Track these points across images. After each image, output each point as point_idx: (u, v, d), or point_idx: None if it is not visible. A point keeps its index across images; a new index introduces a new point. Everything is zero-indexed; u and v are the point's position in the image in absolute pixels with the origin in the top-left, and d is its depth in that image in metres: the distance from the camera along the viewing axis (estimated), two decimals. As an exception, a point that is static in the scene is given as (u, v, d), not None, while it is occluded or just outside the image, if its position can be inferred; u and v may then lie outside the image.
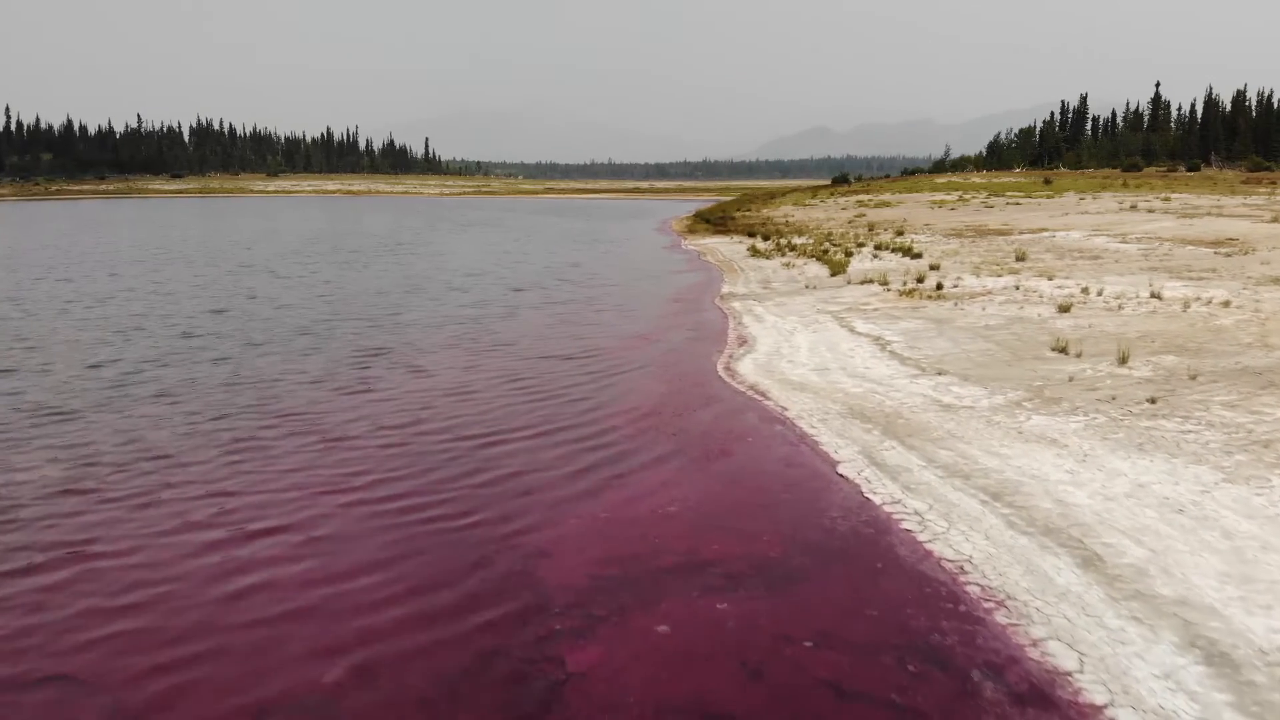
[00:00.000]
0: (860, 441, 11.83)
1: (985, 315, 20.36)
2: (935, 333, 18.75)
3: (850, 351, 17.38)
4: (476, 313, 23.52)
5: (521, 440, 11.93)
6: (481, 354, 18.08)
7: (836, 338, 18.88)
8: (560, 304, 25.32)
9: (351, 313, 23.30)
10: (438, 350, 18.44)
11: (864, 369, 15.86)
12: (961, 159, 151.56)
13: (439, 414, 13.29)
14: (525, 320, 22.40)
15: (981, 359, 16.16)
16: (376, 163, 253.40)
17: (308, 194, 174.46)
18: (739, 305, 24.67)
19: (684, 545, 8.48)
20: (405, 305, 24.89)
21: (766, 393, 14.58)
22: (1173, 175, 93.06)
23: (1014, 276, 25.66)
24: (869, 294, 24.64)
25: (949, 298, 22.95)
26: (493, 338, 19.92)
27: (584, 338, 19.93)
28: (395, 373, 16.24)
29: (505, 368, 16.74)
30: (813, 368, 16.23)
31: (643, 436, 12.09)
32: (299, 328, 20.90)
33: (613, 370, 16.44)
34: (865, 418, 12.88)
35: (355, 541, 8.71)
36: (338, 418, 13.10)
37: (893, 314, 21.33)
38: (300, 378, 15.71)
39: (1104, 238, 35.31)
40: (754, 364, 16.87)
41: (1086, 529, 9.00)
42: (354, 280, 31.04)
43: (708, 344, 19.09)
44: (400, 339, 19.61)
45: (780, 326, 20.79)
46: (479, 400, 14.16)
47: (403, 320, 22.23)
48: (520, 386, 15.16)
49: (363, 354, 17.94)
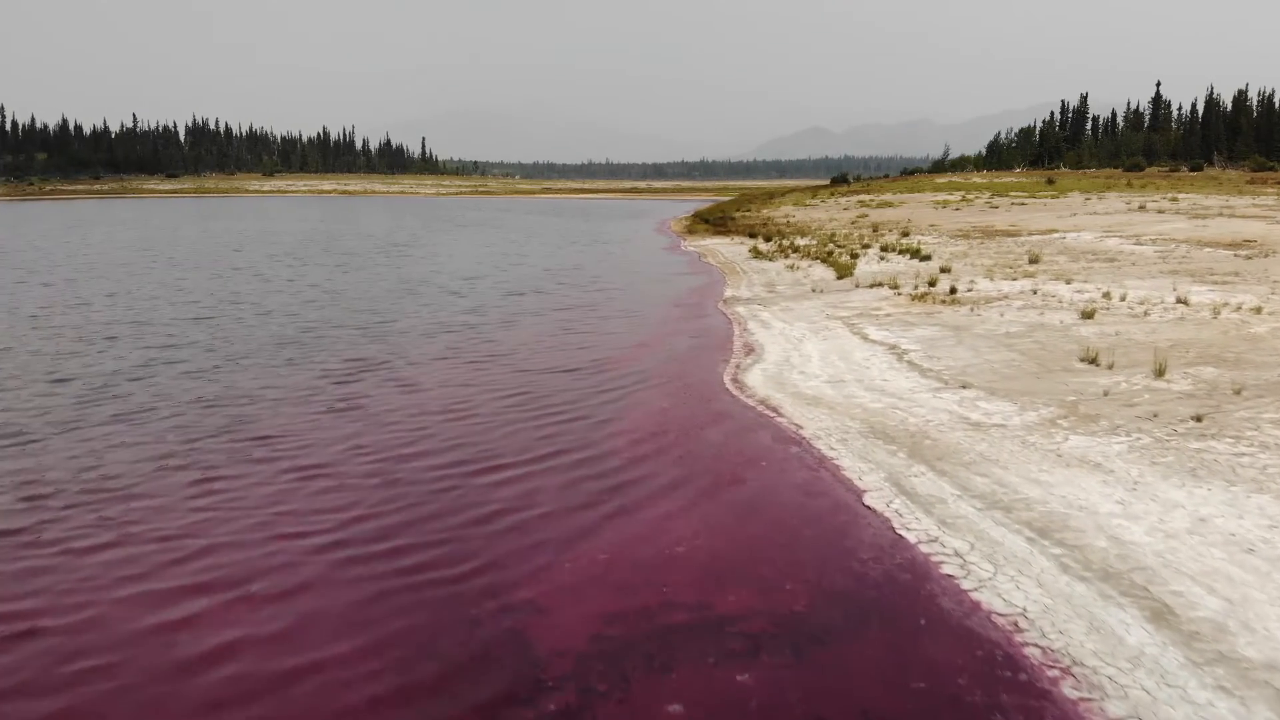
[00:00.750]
0: (886, 466, 10.77)
1: (1004, 322, 19.33)
2: (954, 341, 17.70)
3: (865, 361, 16.33)
4: (472, 320, 22.38)
5: (516, 468, 10.83)
6: (476, 367, 16.90)
7: (849, 346, 17.83)
8: (559, 310, 24.17)
9: (340, 320, 22.16)
10: (430, 363, 17.28)
11: (882, 381, 14.81)
12: (961, 159, 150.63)
13: (428, 438, 12.15)
14: (522, 328, 21.17)
15: (1007, 370, 15.11)
16: (373, 162, 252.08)
17: (303, 194, 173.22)
18: (743, 310, 23.62)
19: (696, 596, 7.42)
20: (398, 311, 23.74)
21: (779, 408, 13.52)
22: (1176, 175, 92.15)
23: (1030, 280, 24.63)
24: (879, 298, 23.59)
25: (964, 303, 21.91)
26: (488, 348, 18.75)
27: (584, 347, 18.82)
28: (383, 389, 15.06)
29: (500, 382, 15.59)
30: (826, 380, 15.17)
31: (647, 461, 11.02)
32: (283, 337, 19.76)
33: (614, 384, 15.34)
34: (889, 438, 11.82)
35: (326, 598, 7.60)
36: (317, 443, 11.94)
37: (906, 320, 20.28)
38: (279, 395, 14.53)
39: (1117, 239, 34.29)
40: (763, 375, 15.81)
41: (1150, 574, 7.95)
42: (345, 284, 29.92)
43: (713, 353, 18.03)
44: (391, 350, 18.43)
45: (788, 333, 19.74)
46: (471, 422, 13.00)
47: (394, 328, 21.06)
48: (516, 403, 14.02)
49: (349, 367, 16.76)
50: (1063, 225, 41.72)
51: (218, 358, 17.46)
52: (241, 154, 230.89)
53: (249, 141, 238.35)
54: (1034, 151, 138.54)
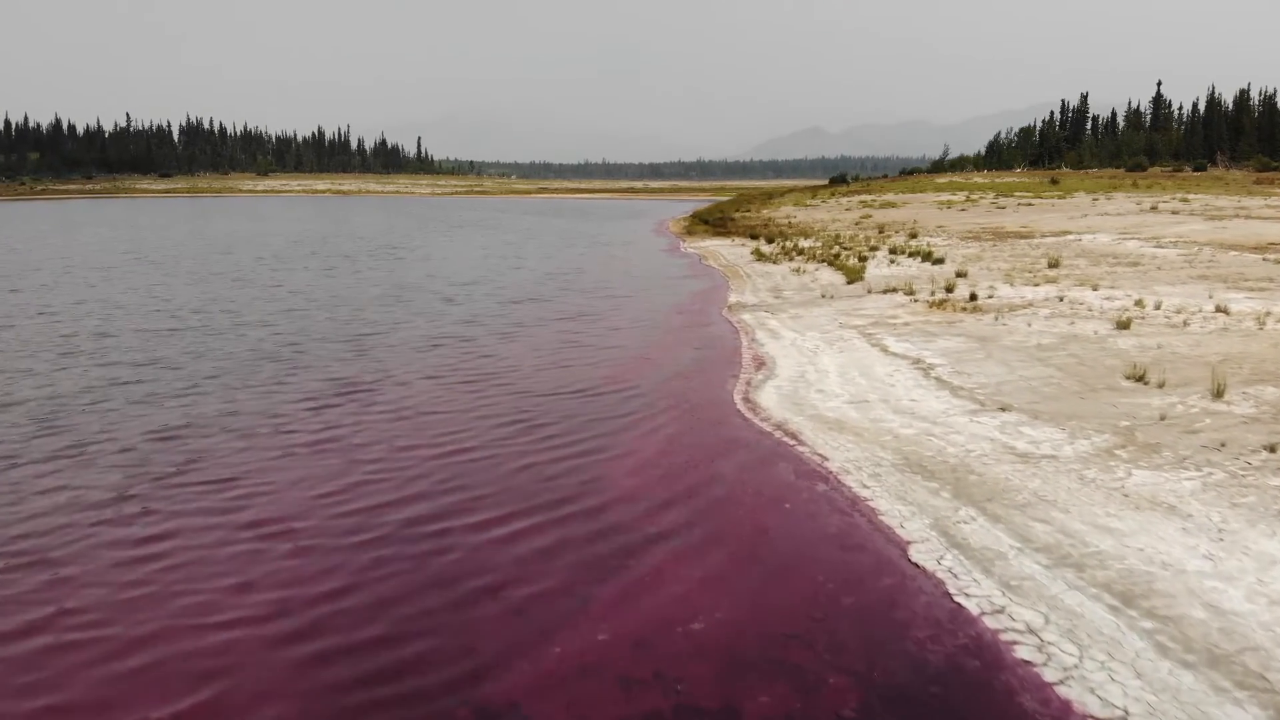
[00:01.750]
0: (929, 509, 9.35)
1: (1033, 332, 17.91)
2: (982, 354, 16.29)
3: (889, 378, 14.91)
4: (466, 331, 20.81)
5: (509, 522, 9.24)
6: (469, 388, 15.28)
7: (869, 359, 16.41)
8: (557, 319, 22.53)
9: (324, 332, 20.57)
10: (418, 383, 15.61)
11: (910, 402, 13.39)
12: (960, 159, 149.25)
13: (411, 481, 10.51)
14: (519, 341, 19.54)
15: (1047, 389, 13.69)
16: (368, 162, 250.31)
17: (297, 194, 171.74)
18: (750, 318, 22.19)
19: (717, 696, 5.98)
20: (387, 321, 22.16)
21: (798, 434, 12.09)
22: (1180, 175, 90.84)
23: (1052, 286, 23.22)
24: (894, 305, 22.17)
25: (986, 310, 20.50)
26: (483, 365, 17.15)
27: (584, 364, 17.21)
28: (365, 418, 13.36)
29: (495, 407, 13.97)
30: (849, 399, 13.74)
31: (655, 508, 9.52)
32: (259, 352, 18.16)
33: (616, 408, 13.79)
34: (927, 472, 10.40)
35: (272, 709, 6.11)
36: (284, 489, 10.31)
37: (927, 330, 18.87)
38: (247, 426, 12.82)
39: (1136, 242, 32.90)
40: (777, 394, 14.38)
41: (1267, 658, 6.54)
42: (332, 290, 28.35)
43: (720, 367, 16.60)
44: (376, 368, 16.77)
45: (801, 344, 18.32)
46: (461, 460, 11.32)
47: (382, 342, 19.44)
48: (510, 434, 12.39)
49: (328, 390, 15.14)
50: (1076, 227, 40.34)
51: (183, 378, 15.82)
52: (236, 153, 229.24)
53: (243, 141, 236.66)
54: (1034, 151, 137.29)
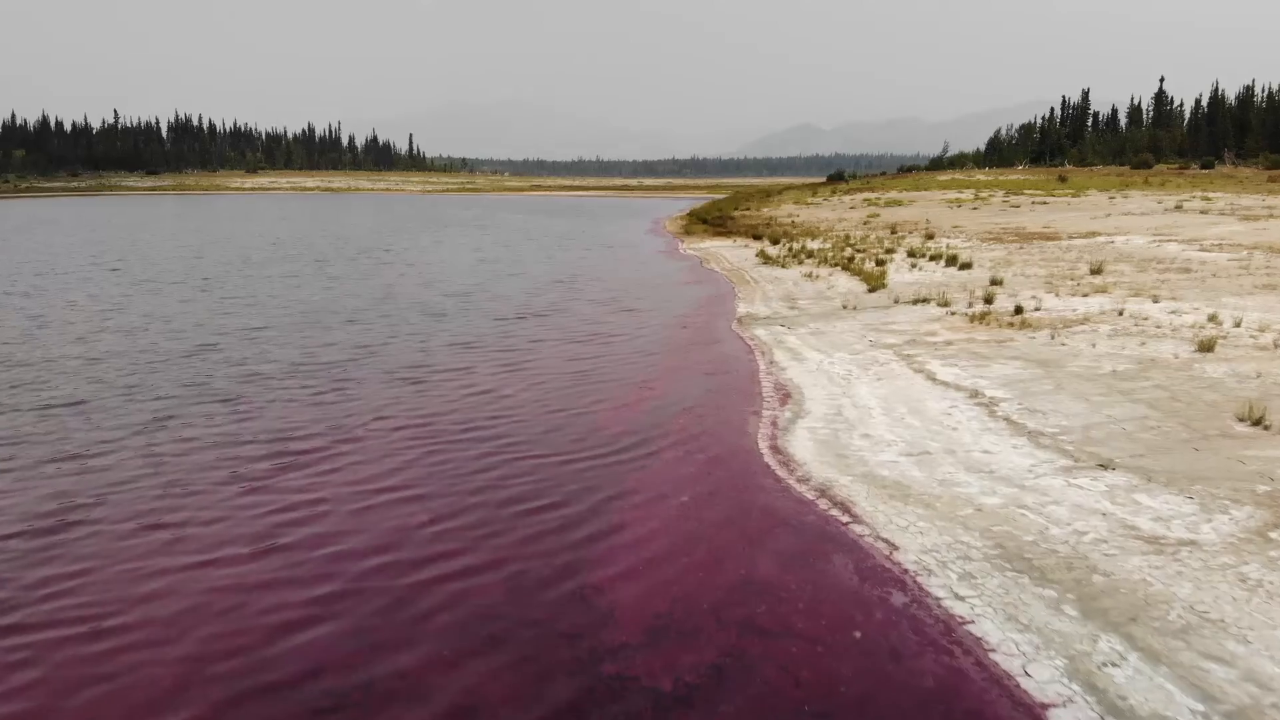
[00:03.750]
0: (1057, 640, 6.68)
1: (1102, 355, 15.28)
2: (1049, 384, 13.64)
3: (946, 417, 12.24)
4: (448, 359, 17.52)
5: (464, 671, 6.45)
6: (438, 443, 11.92)
7: (916, 390, 13.74)
8: (550, 342, 19.29)
9: (283, 361, 17.31)
10: (378, 440, 12.11)
11: (983, 454, 10.72)
12: (960, 155, 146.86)
13: (338, 603, 7.47)
14: (505, 379, 15.87)
15: (1147, 436, 11.04)
16: (359, 159, 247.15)
17: (286, 191, 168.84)
18: (765, 334, 19.50)
19: None
20: (363, 344, 19.08)
21: (850, 504, 9.41)
22: (1189, 173, 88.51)
23: (1104, 297, 20.59)
24: (929, 319, 19.51)
25: (1037, 326, 17.86)
26: (461, 406, 13.86)
27: (577, 402, 14.10)
28: (301, 502, 9.77)
29: (467, 484, 10.36)
30: (904, 449, 11.06)
31: (667, 643, 6.72)
32: (188, 385, 14.99)
33: (614, 466, 10.85)
34: (1035, 570, 7.73)
35: None
36: (168, 628, 7.14)
37: (975, 351, 16.22)
38: (126, 514, 9.41)
39: (1175, 244, 30.29)
40: (813, 440, 11.69)
41: None
42: (304, 304, 25.39)
43: (737, 400, 13.88)
44: (332, 416, 13.29)
45: (829, 369, 15.64)
46: (412, 572, 8.02)
47: (350, 375, 16.09)
48: (479, 520, 9.15)
49: (258, 452, 11.51)
50: (1102, 227, 37.73)
51: (71, 430, 12.43)
52: (225, 150, 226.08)
53: (232, 138, 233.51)
54: (1035, 148, 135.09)
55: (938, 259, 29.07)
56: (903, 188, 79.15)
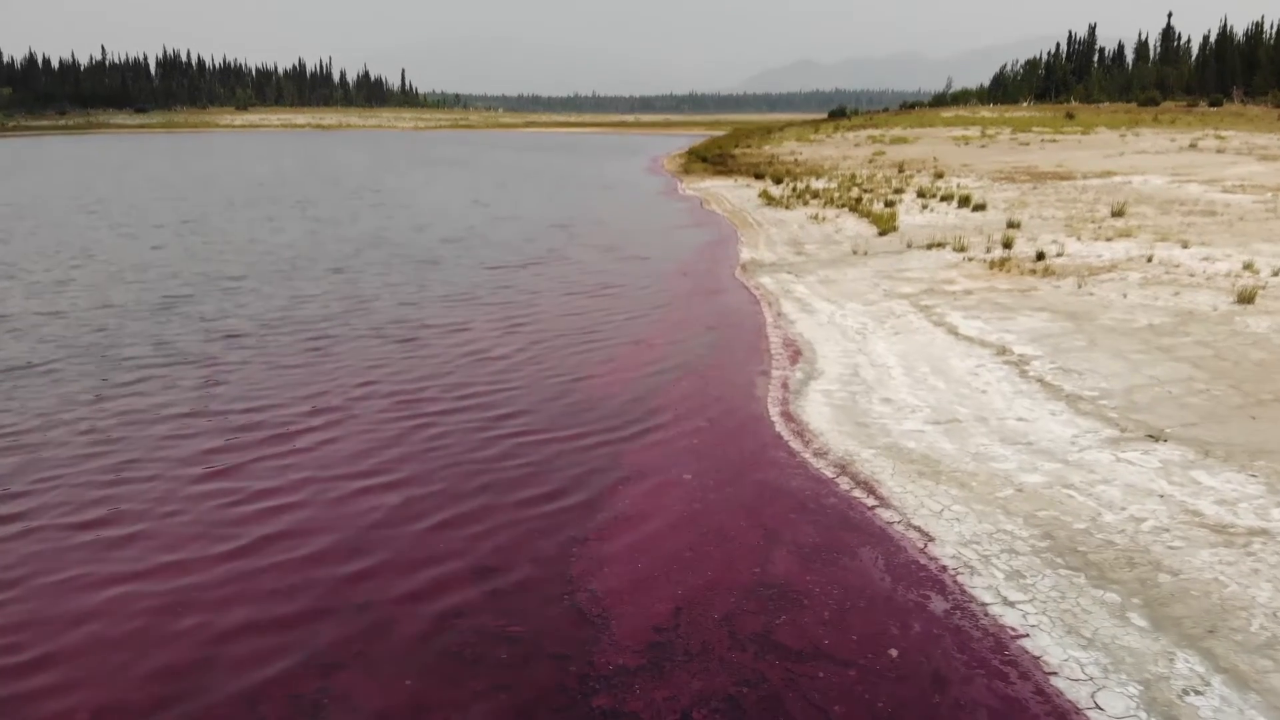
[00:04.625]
0: (1123, 655, 5.72)
1: (1134, 306, 14.23)
2: (1082, 339, 12.60)
3: (973, 378, 11.21)
4: (440, 316, 15.90)
5: (429, 710, 5.34)
6: (419, 430, 10.16)
7: (937, 346, 12.70)
8: (545, 294, 17.91)
9: (263, 313, 16.01)
10: (359, 414, 10.65)
11: (1019, 422, 9.70)
12: (963, 92, 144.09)
13: (297, 624, 6.30)
14: (498, 338, 14.31)
15: (1196, 400, 10.03)
16: (351, 95, 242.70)
17: (276, 128, 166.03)
18: (770, 282, 18.40)
19: None
20: (349, 295, 17.63)
21: (874, 484, 8.41)
22: (1198, 111, 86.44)
23: (1129, 241, 19.46)
24: (945, 265, 18.40)
25: (1061, 274, 16.77)
26: (450, 376, 12.24)
27: (572, 365, 12.74)
28: (273, 486, 8.57)
29: (449, 469, 9.03)
30: (931, 416, 10.04)
31: (668, 662, 5.73)
32: (169, 348, 13.59)
33: (611, 444, 9.48)
34: (1092, 566, 6.76)
35: None
36: (110, 650, 6.02)
37: (997, 301, 15.15)
38: (90, 498, 8.34)
39: (1196, 185, 29.03)
40: (829, 405, 10.67)
41: None
42: (289, 249, 23.98)
43: (743, 358, 12.82)
44: (314, 382, 11.96)
45: (841, 322, 14.57)
46: (382, 580, 6.86)
47: (333, 334, 14.57)
48: (465, 509, 8.01)
49: (237, 425, 10.21)
50: (1117, 167, 36.38)
51: (8, 400, 11.12)
52: (214, 87, 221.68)
53: (222, 74, 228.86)
54: (1040, 85, 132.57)
55: (949, 200, 27.84)
56: (907, 124, 77.26)
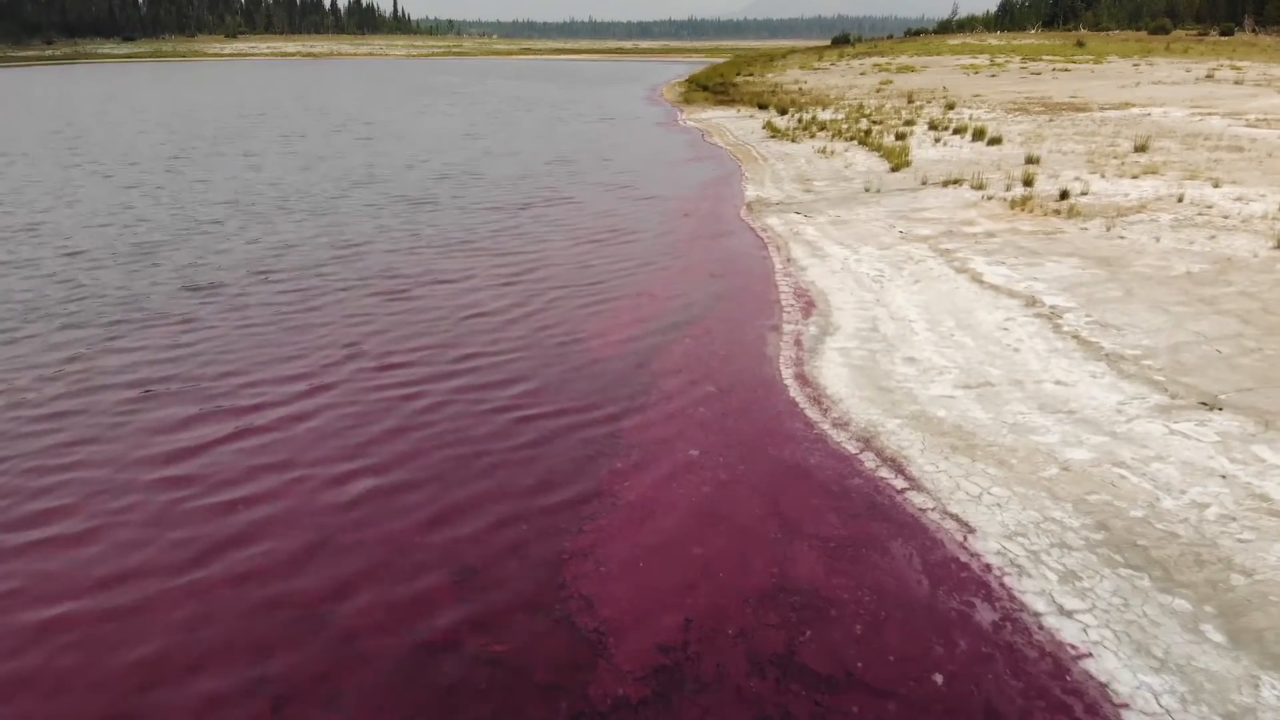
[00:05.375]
0: (1201, 681, 4.95)
1: (1168, 251, 13.30)
2: (1117, 289, 11.70)
3: (1004, 333, 10.33)
4: (432, 267, 14.78)
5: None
6: (400, 406, 9.04)
7: (962, 297, 11.80)
8: (539, 239, 16.92)
9: (241, 263, 14.90)
10: (339, 389, 9.49)
11: (1057, 386, 8.85)
12: (969, 19, 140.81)
13: (248, 666, 5.34)
14: (490, 292, 13.07)
15: (1248, 362, 9.17)
16: (342, 22, 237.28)
17: (266, 57, 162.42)
18: (778, 223, 17.41)
19: None
20: (337, 242, 16.59)
21: (902, 461, 7.58)
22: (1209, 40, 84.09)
23: (1156, 179, 18.43)
24: (964, 204, 17.40)
25: (1087, 214, 15.80)
26: (439, 336, 11.16)
27: (567, 321, 11.79)
28: (234, 480, 7.55)
29: (432, 454, 8.03)
30: (960, 379, 9.18)
31: (688, 687, 4.96)
32: (131, 306, 12.57)
33: (609, 418, 8.61)
34: (1155, 565, 5.97)
35: None
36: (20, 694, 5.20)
37: (1021, 244, 14.21)
38: (21, 499, 7.31)
39: (1218, 119, 27.81)
40: (846, 365, 9.80)
41: None
42: (275, 188, 22.77)
43: (751, 310, 11.91)
44: (292, 348, 10.74)
45: (856, 269, 13.64)
46: (351, 597, 5.94)
47: (318, 287, 13.39)
48: (448, 504, 7.05)
49: (201, 403, 9.08)
50: (1134, 98, 35.03)
51: None
52: (203, 14, 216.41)
53: (210, 1, 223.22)
54: (1048, 11, 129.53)
55: (962, 132, 26.66)
56: (913, 52, 75.16)
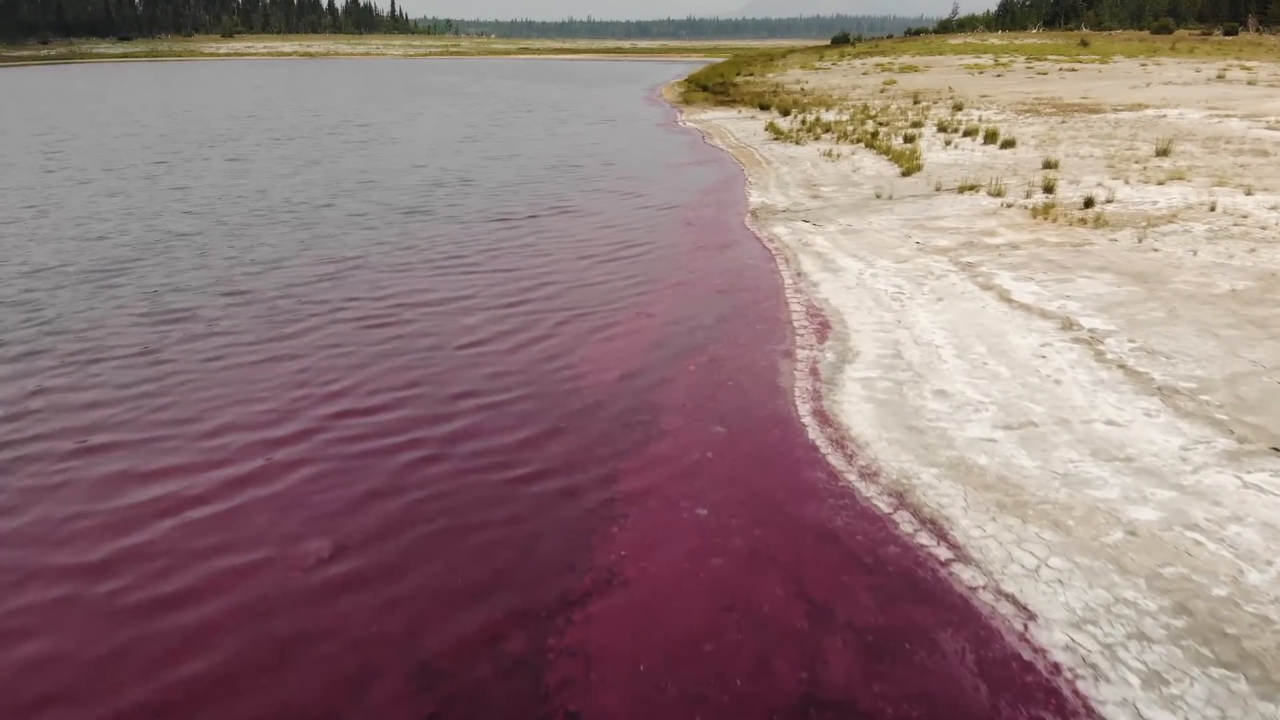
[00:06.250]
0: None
1: (1207, 266, 12.35)
2: (1158, 309, 10.75)
3: (1041, 361, 9.37)
4: (406, 287, 13.74)
5: None
6: (380, 465, 7.75)
7: (990, 318, 10.83)
8: (535, 252, 16.12)
9: (213, 283, 13.67)
10: (314, 447, 8.16)
11: (1107, 426, 7.89)
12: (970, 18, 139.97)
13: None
14: (480, 318, 11.83)
15: (1320, 395, 8.22)
16: (340, 22, 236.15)
17: (263, 56, 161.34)
18: (785, 232, 16.44)
19: None
20: (324, 258, 15.52)
21: (943, 523, 6.61)
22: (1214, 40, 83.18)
23: (1183, 186, 17.49)
24: (982, 212, 16.44)
25: (1115, 224, 14.85)
26: (426, 372, 9.87)
27: (562, 345, 10.90)
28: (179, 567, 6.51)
29: (395, 545, 6.55)
30: (999, 417, 8.21)
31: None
32: (81, 335, 11.55)
33: (602, 464, 7.61)
34: (1253, 664, 5.02)
35: None
36: None
37: (1048, 256, 13.26)
38: None
39: (1237, 121, 26.86)
40: (870, 400, 8.82)
41: None
42: (262, 196, 21.74)
43: (762, 335, 10.92)
44: (263, 400, 9.18)
45: (873, 285, 12.67)
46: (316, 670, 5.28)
47: (296, 316, 12.05)
48: (417, 584, 6.70)
49: (149, 473, 7.64)
50: (1146, 98, 34.08)
51: None
52: (199, 14, 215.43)
53: (207, 1, 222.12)
54: (1049, 11, 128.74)
55: (973, 134, 25.71)
56: (915, 52, 74.21)
